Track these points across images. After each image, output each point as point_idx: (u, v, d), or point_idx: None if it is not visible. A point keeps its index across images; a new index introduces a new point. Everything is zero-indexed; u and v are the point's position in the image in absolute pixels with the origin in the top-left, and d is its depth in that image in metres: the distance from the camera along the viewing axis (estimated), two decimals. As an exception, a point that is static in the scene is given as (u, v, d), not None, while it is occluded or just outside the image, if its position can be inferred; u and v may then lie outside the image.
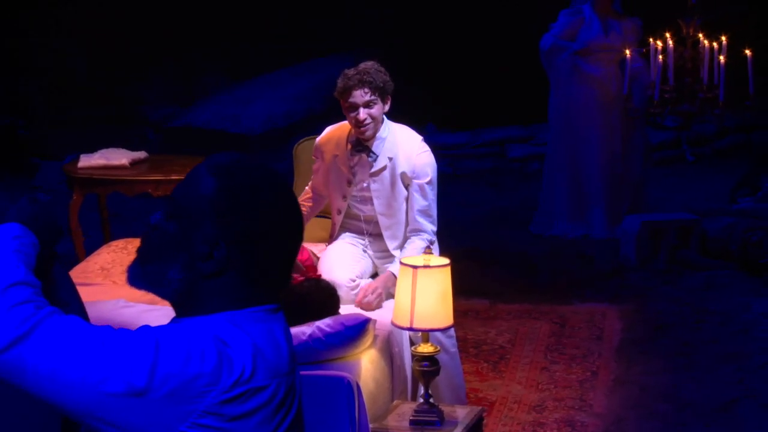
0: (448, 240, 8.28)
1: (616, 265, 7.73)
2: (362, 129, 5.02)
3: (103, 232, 7.25)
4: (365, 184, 5.14)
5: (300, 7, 11.87)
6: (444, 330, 4.76)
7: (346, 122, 5.16)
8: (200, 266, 1.99)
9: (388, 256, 5.19)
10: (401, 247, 5.16)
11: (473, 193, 9.93)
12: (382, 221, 5.17)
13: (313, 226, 5.59)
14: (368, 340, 4.40)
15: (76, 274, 5.29)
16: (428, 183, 5.11)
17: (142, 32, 12.14)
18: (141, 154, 7.08)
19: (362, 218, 5.24)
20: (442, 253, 5.04)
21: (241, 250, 1.99)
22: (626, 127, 8.43)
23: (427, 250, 4.42)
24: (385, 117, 5.14)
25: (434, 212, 5.18)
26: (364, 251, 5.26)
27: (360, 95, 4.96)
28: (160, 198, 6.60)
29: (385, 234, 5.19)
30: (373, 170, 5.12)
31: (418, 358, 4.38)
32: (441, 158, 10.65)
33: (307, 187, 5.51)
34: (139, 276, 2.05)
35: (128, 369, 1.85)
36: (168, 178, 6.63)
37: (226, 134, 9.44)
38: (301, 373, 4.10)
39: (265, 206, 2.00)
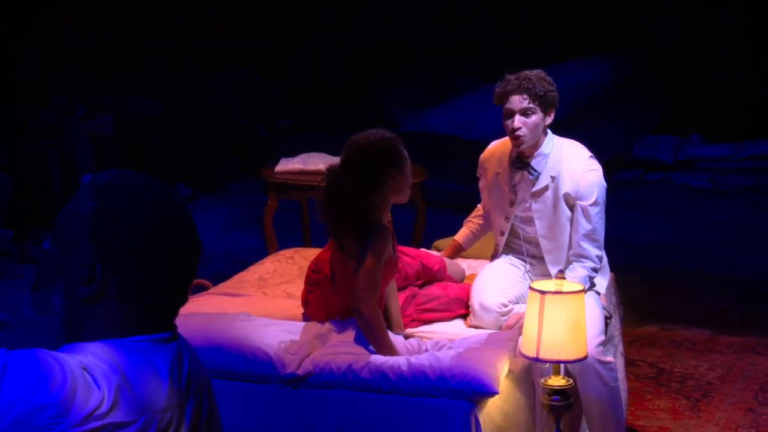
0: (674, 262, 8.09)
1: None
2: (516, 139, 4.85)
3: (304, 240, 7.39)
4: (527, 204, 4.98)
5: (556, 9, 11.74)
6: (602, 362, 4.59)
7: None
8: (79, 291, 1.99)
9: None
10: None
11: (726, 212, 9.53)
12: (544, 244, 5.00)
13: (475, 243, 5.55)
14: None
15: (232, 283, 5.43)
16: (593, 205, 4.86)
17: (400, 35, 12.36)
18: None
19: (523, 238, 5.10)
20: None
21: (120, 274, 1.98)
22: None
23: (559, 275, 4.27)
24: (549, 131, 4.96)
25: (600, 236, 4.93)
26: (525, 274, 5.12)
27: (518, 101, 4.80)
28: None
29: (547, 258, 5.01)
30: (534, 189, 4.94)
31: (548, 391, 4.25)
32: (700, 172, 10.41)
33: (479, 205, 5.44)
34: (31, 303, 2.07)
35: None
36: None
37: (459, 140, 9.40)
38: (416, 397, 4.06)
39: (146, 226, 1.98)
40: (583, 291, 4.25)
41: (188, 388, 2.04)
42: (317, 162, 7.03)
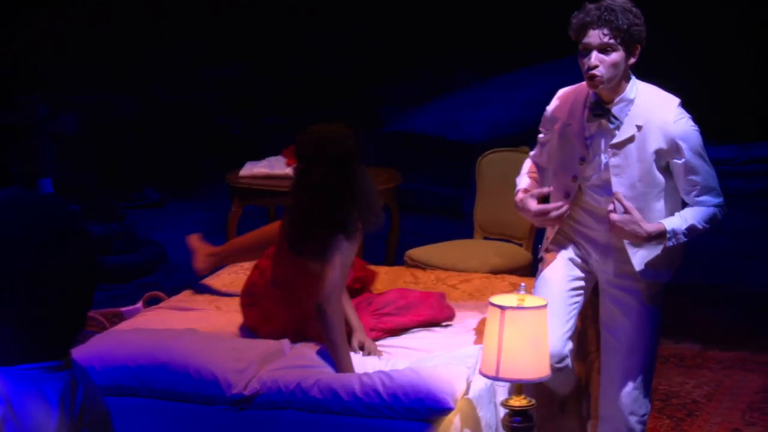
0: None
1: None
2: (592, 79, 4.43)
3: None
4: (604, 160, 4.58)
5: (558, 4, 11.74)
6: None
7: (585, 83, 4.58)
8: None
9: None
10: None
11: (729, 218, 9.48)
12: (618, 207, 4.52)
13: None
14: (450, 416, 4.30)
15: (184, 297, 5.45)
16: (695, 155, 4.46)
17: (400, 32, 12.37)
18: (312, 164, 7.18)
19: (592, 207, 4.69)
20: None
21: (10, 299, 1.99)
22: None
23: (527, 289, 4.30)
24: (632, 75, 4.56)
25: (716, 183, 4.55)
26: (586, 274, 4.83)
27: (596, 36, 4.42)
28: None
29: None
30: (615, 141, 4.53)
31: (509, 412, 4.29)
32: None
33: (527, 161, 4.96)
34: None
35: None
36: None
37: (444, 141, 9.47)
38: (370, 419, 4.09)
39: (40, 250, 2.00)
40: (545, 307, 4.28)
41: (81, 419, 2.06)
42: (284, 166, 7.04)
